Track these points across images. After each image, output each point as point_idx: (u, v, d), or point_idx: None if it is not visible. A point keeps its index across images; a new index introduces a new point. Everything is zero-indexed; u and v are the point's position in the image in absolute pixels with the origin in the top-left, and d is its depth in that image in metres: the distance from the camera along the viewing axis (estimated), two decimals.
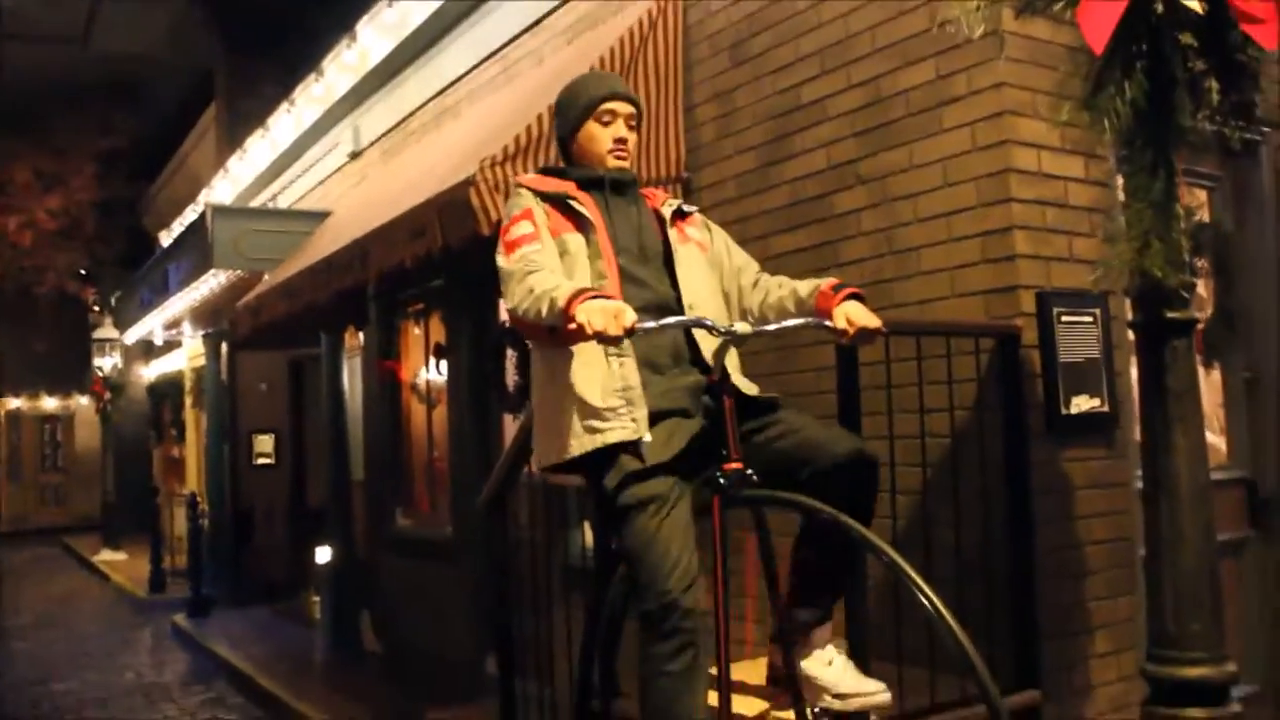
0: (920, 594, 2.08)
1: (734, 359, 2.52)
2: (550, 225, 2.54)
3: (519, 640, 3.93)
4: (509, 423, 5.98)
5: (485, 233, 4.16)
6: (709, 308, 2.59)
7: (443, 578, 6.52)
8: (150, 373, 16.75)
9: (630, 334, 2.20)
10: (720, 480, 2.37)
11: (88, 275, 18.85)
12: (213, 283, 8.76)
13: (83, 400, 21.92)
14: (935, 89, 3.54)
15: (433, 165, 5.71)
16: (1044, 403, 3.32)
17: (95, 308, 17.68)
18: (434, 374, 7.05)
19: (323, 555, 8.54)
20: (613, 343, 2.25)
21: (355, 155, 8.24)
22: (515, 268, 2.44)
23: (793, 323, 2.52)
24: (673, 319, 2.41)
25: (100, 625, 10.78)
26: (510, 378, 5.75)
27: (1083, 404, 3.39)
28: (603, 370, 2.43)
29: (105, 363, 16.47)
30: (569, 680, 3.31)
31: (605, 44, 4.57)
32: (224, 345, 11.24)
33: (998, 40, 3.28)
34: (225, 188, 10.86)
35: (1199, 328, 2.78)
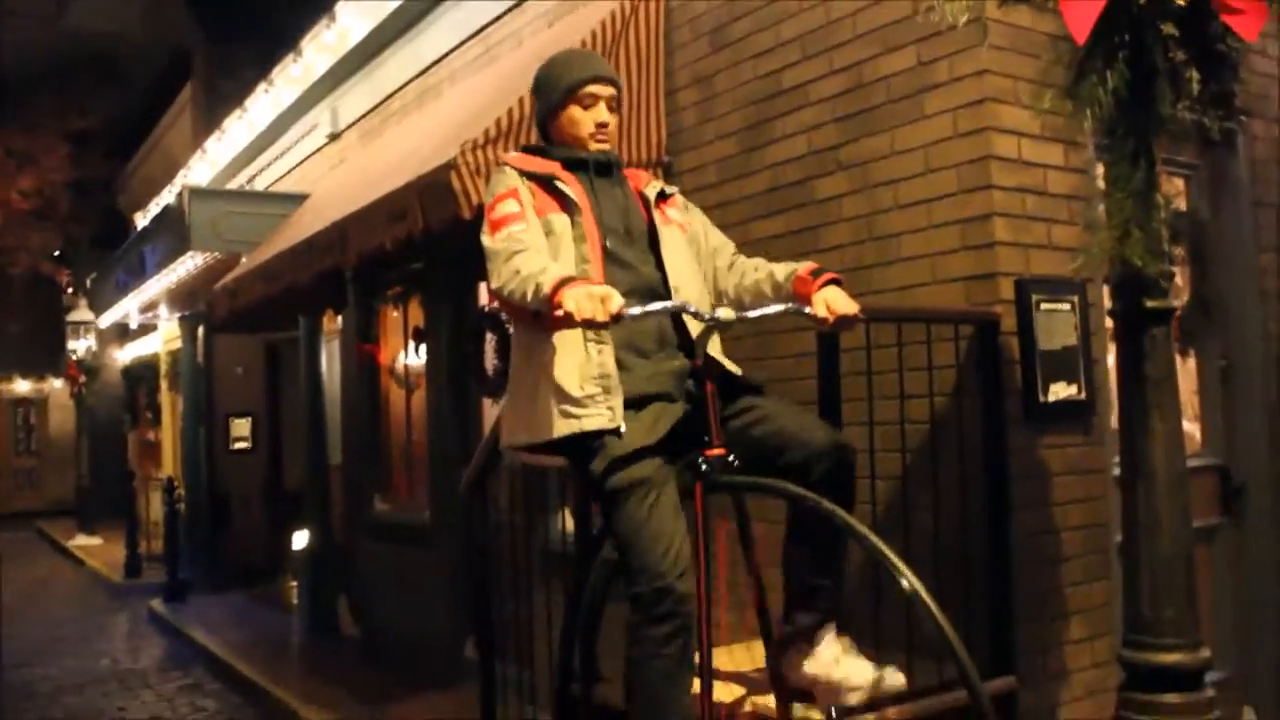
0: (903, 579, 2.09)
1: (716, 343, 2.52)
2: (535, 205, 2.52)
3: (499, 624, 3.94)
4: (488, 407, 5.97)
5: (466, 216, 4.14)
6: (693, 289, 2.59)
7: (420, 562, 6.52)
8: (125, 356, 16.59)
9: (618, 319, 2.19)
10: (702, 465, 2.37)
11: (62, 256, 18.64)
12: (190, 265, 8.67)
13: (57, 383, 21.76)
14: (917, 75, 3.54)
15: (413, 147, 5.68)
16: (1022, 389, 3.34)
17: (69, 289, 17.53)
18: (413, 358, 7.03)
19: (300, 540, 8.51)
20: (600, 328, 2.24)
21: (334, 137, 8.18)
22: (501, 247, 2.42)
23: (773, 309, 2.52)
24: (657, 305, 2.40)
25: (75, 611, 10.70)
26: (489, 362, 5.73)
27: (1060, 391, 3.41)
28: (581, 357, 2.42)
29: (80, 345, 16.34)
30: (549, 665, 3.32)
31: (586, 27, 4.54)
32: (200, 328, 11.16)
33: (980, 27, 3.28)
34: (203, 169, 10.75)
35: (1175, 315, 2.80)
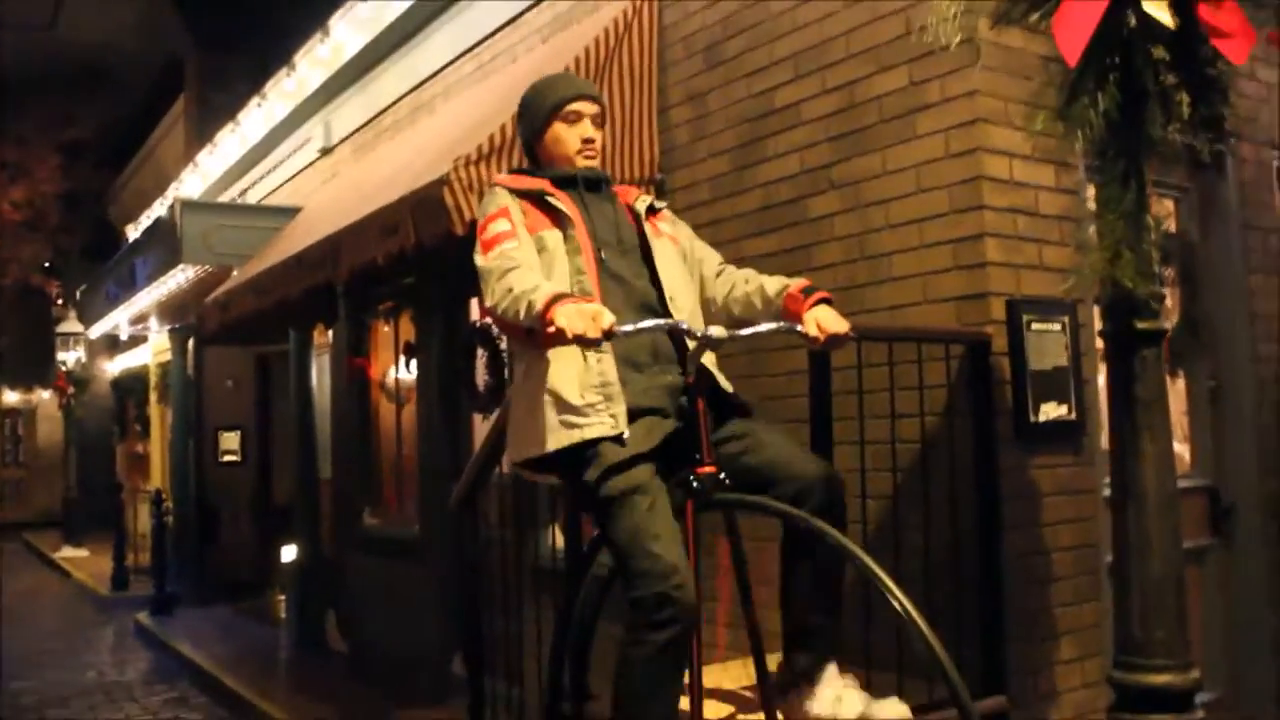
0: (893, 599, 2.08)
1: (711, 356, 2.53)
2: (527, 222, 2.53)
3: (489, 640, 3.92)
4: (479, 422, 5.96)
5: (458, 232, 4.14)
6: (689, 301, 2.60)
7: (410, 577, 6.48)
8: (115, 367, 16.52)
9: (609, 336, 2.20)
10: (693, 483, 2.37)
11: (52, 268, 18.58)
12: (181, 278, 8.66)
13: (45, 394, 21.65)
14: (909, 95, 3.56)
15: (406, 163, 5.68)
16: (1013, 409, 3.35)
17: (59, 301, 17.46)
18: (404, 372, 7.01)
19: (288, 554, 8.46)
20: (592, 345, 2.25)
21: (326, 151, 8.18)
22: (494, 265, 2.43)
23: (764, 328, 2.53)
24: (649, 322, 2.39)
25: (61, 623, 10.62)
26: (480, 377, 5.72)
27: (1051, 411, 3.42)
28: (579, 367, 2.42)
29: (69, 357, 16.29)
30: (538, 681, 3.30)
31: (580, 43, 4.56)
32: (191, 341, 11.13)
33: (972, 48, 3.29)
34: (194, 182, 10.74)
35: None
